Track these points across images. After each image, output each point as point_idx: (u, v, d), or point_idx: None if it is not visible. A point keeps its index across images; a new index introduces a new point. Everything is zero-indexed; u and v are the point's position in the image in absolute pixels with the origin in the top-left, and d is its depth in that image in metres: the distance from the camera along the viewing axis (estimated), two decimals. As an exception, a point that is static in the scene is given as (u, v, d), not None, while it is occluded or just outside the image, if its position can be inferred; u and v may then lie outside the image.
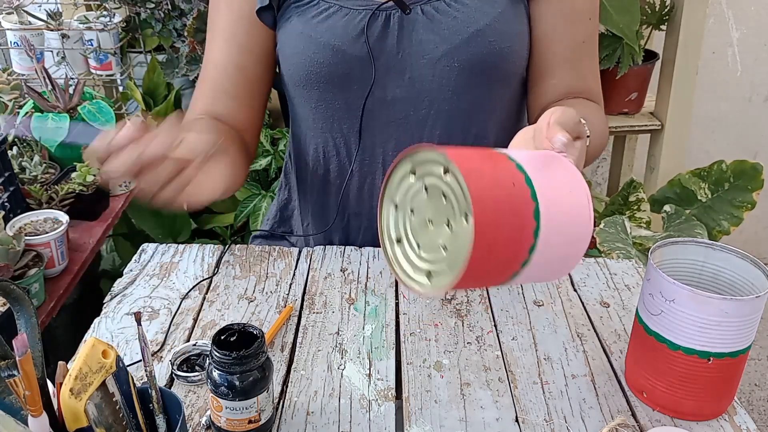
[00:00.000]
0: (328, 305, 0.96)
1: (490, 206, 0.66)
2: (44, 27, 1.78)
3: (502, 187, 0.69)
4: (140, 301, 0.96)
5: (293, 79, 1.05)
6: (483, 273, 0.70)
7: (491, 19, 0.98)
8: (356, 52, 0.99)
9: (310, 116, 1.07)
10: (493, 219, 0.67)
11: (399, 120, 1.03)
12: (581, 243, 0.74)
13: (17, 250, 1.18)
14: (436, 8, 0.99)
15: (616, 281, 1.03)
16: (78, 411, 0.56)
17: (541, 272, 0.75)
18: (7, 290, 0.59)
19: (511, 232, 0.69)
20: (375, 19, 0.99)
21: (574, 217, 0.74)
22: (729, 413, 0.80)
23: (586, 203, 0.74)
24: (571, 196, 0.74)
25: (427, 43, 0.99)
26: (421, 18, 0.99)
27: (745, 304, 0.73)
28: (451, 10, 0.98)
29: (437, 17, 0.98)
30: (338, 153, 1.07)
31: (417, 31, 0.99)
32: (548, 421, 0.78)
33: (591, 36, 1.06)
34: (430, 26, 0.99)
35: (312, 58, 1.00)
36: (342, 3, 1.00)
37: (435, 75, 1.00)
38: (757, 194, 1.81)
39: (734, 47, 2.47)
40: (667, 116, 2.02)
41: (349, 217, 1.11)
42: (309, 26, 1.00)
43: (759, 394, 2.19)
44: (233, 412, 0.72)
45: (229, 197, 2.07)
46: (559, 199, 0.72)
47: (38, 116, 1.53)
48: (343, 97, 1.02)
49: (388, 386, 0.83)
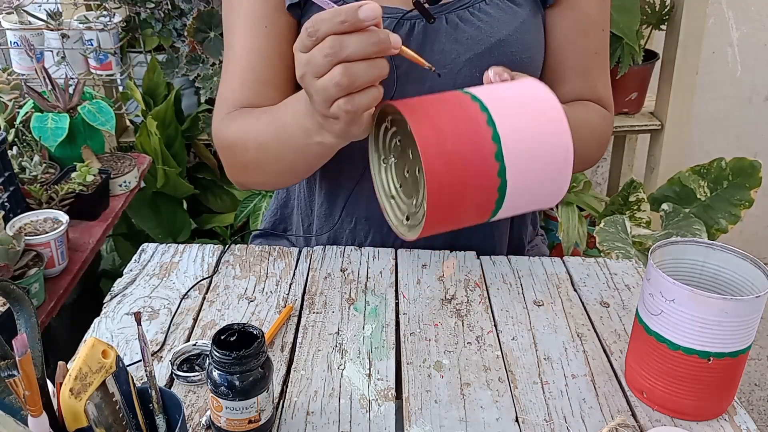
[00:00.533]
0: (328, 305, 0.96)
1: (441, 149, 0.68)
2: (44, 27, 1.78)
3: (455, 125, 0.70)
4: (140, 301, 0.96)
5: None
6: (454, 212, 0.72)
7: (513, 30, 0.99)
8: None
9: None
10: (447, 160, 0.69)
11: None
12: (560, 163, 0.73)
13: (17, 250, 1.18)
14: (460, 17, 0.99)
15: (616, 281, 1.03)
16: (78, 411, 0.56)
17: (524, 202, 0.75)
18: (7, 290, 0.59)
19: (471, 165, 0.70)
20: (399, 27, 0.98)
21: (545, 136, 0.73)
22: (729, 413, 0.80)
23: (561, 121, 0.73)
24: (539, 117, 0.73)
25: (449, 53, 0.99)
26: (444, 27, 0.99)
27: (745, 304, 0.73)
28: (474, 20, 0.99)
29: (460, 26, 0.99)
30: (351, 156, 1.06)
31: (439, 41, 0.99)
32: (548, 421, 0.78)
33: (603, 47, 1.08)
34: (453, 35, 0.99)
35: None
36: None
37: (456, 84, 0.98)
38: (755, 192, 1.82)
39: (734, 47, 2.47)
40: (667, 116, 2.02)
41: (356, 221, 1.10)
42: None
43: (759, 394, 2.19)
44: (233, 412, 0.72)
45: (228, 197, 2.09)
46: (525, 125, 0.72)
47: (38, 116, 1.53)
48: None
49: (388, 386, 0.83)
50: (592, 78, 1.07)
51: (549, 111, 0.75)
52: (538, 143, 0.73)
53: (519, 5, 1.00)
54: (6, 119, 1.56)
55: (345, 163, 1.07)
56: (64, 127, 1.52)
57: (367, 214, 1.09)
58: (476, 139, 0.71)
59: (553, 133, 0.74)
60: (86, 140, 1.59)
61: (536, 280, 1.02)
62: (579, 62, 1.06)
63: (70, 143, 1.56)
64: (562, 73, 1.06)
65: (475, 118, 0.71)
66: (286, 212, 1.21)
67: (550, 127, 0.74)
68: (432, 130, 0.69)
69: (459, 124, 0.70)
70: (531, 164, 0.73)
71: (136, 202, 1.84)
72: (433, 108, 0.72)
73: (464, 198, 0.72)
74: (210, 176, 2.11)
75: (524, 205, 0.78)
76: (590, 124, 1.05)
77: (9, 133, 1.52)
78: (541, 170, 0.74)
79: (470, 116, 0.72)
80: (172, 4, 1.88)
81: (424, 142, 0.68)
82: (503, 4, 1.00)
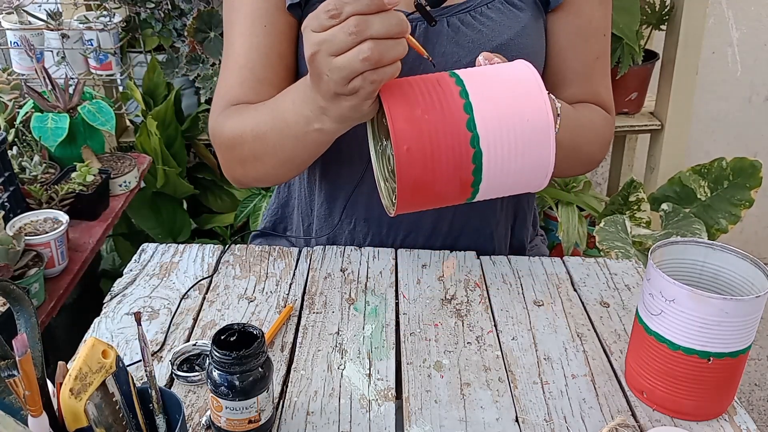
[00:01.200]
0: (328, 305, 0.96)
1: (409, 116, 0.70)
2: (44, 27, 1.78)
3: (427, 95, 0.72)
4: (140, 301, 0.96)
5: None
6: (428, 180, 0.72)
7: (514, 34, 0.99)
8: None
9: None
10: (416, 126, 0.70)
11: None
12: (540, 138, 0.73)
13: (17, 250, 1.18)
14: (462, 20, 0.99)
15: (616, 281, 1.03)
16: (78, 411, 0.56)
17: (506, 178, 0.74)
18: (7, 290, 0.59)
19: (441, 133, 0.71)
20: None
21: (523, 108, 0.72)
22: (729, 413, 0.80)
23: (539, 93, 0.73)
24: (516, 88, 0.73)
25: (450, 56, 0.99)
26: (445, 30, 0.99)
27: (745, 304, 0.73)
28: (476, 23, 0.99)
29: (462, 30, 0.99)
30: (351, 158, 1.06)
31: (441, 43, 0.99)
32: (548, 421, 0.78)
33: (605, 52, 1.08)
34: (455, 38, 0.99)
35: None
36: None
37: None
38: (755, 192, 1.82)
39: (734, 47, 2.47)
40: (667, 116, 2.02)
41: (355, 223, 1.10)
42: None
43: (759, 394, 2.19)
44: (233, 412, 0.72)
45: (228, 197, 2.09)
46: (500, 95, 0.72)
47: (38, 116, 1.53)
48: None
49: (388, 386, 0.83)
50: (594, 82, 1.08)
51: (527, 83, 0.74)
52: (513, 113, 0.73)
53: (521, 9, 1.00)
54: (6, 119, 1.56)
55: (345, 165, 1.07)
56: (64, 127, 1.52)
57: (366, 215, 1.09)
58: (447, 107, 0.71)
59: (532, 107, 0.73)
60: (86, 140, 1.59)
61: (536, 280, 1.02)
62: (581, 67, 1.06)
63: (70, 143, 1.56)
64: (563, 77, 1.06)
65: (449, 89, 0.72)
66: (287, 211, 1.21)
67: (529, 100, 0.73)
68: (402, 100, 0.71)
69: (431, 94, 0.71)
70: (507, 135, 0.72)
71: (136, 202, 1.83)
72: (410, 84, 0.74)
73: (437, 166, 0.72)
74: (210, 176, 2.11)
75: (509, 183, 0.76)
76: (594, 125, 1.05)
77: (9, 133, 1.52)
78: (520, 142, 0.73)
79: (444, 88, 0.72)
80: (172, 4, 1.88)
81: (393, 110, 0.70)
82: (505, 8, 1.00)
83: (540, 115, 0.73)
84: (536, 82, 0.74)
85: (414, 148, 0.71)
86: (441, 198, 0.76)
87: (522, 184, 0.78)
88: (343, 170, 1.07)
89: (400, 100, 0.72)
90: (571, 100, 1.06)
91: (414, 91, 0.72)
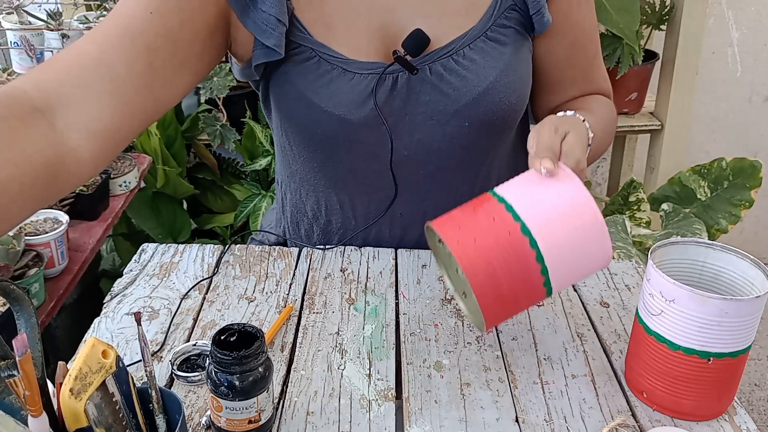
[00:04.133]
0: (328, 305, 0.96)
1: (481, 265, 0.75)
2: (44, 27, 1.78)
3: (494, 244, 0.75)
4: (140, 301, 0.96)
5: (293, 139, 1.02)
6: (504, 299, 0.77)
7: (498, 73, 0.95)
8: (361, 119, 0.95)
9: (310, 173, 1.05)
10: (488, 274, 0.75)
11: (408, 177, 1.01)
12: (596, 249, 0.79)
13: (17, 250, 1.18)
14: (444, 66, 0.95)
15: (616, 281, 1.03)
16: (78, 411, 0.56)
17: (569, 280, 0.80)
18: (7, 290, 0.59)
19: (515, 275, 0.76)
20: (382, 82, 0.94)
21: (579, 234, 0.78)
22: (729, 413, 0.80)
23: (587, 206, 0.78)
24: (571, 216, 0.78)
25: (435, 104, 0.96)
26: (428, 78, 0.95)
27: (745, 304, 0.73)
28: (459, 69, 0.95)
29: (445, 77, 0.95)
30: (342, 207, 1.06)
31: (425, 92, 0.95)
32: (548, 421, 0.78)
33: (597, 47, 1.07)
34: (438, 87, 0.95)
35: (316, 123, 0.96)
36: (345, 66, 0.94)
37: (445, 134, 0.98)
38: (756, 192, 1.82)
39: (734, 47, 2.47)
40: (667, 116, 2.02)
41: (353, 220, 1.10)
42: (310, 90, 0.94)
43: (759, 394, 2.19)
44: (233, 412, 0.72)
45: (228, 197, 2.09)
46: (559, 228, 0.77)
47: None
48: (349, 158, 1.00)
49: (388, 386, 0.83)
50: (593, 78, 1.08)
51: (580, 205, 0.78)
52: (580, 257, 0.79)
53: (504, 44, 0.96)
54: (6, 119, 1.55)
55: (335, 215, 1.07)
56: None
57: (365, 244, 1.09)
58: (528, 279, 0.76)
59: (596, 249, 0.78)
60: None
61: (536, 280, 1.02)
62: (580, 72, 1.05)
63: (70, 143, 1.56)
64: (563, 84, 1.05)
65: (524, 253, 0.75)
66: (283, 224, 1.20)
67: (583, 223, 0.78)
68: (486, 277, 0.75)
69: (511, 267, 0.75)
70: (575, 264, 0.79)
71: (136, 202, 1.84)
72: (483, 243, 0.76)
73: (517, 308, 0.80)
74: (210, 176, 2.11)
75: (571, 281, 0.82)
76: (607, 119, 1.04)
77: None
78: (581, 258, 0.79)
79: (519, 253, 0.75)
80: (172, 4, 1.88)
81: (480, 290, 0.75)
82: (488, 46, 0.95)
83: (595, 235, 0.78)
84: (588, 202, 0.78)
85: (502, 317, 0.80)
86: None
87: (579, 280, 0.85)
88: (334, 217, 1.07)
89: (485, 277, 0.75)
90: (572, 96, 1.07)
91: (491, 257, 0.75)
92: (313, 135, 0.99)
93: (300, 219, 1.12)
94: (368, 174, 1.01)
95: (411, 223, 1.06)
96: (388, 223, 1.06)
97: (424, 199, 1.03)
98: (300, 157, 1.04)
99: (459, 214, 0.79)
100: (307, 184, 1.07)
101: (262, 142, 1.98)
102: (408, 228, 1.06)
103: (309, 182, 1.07)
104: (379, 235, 1.07)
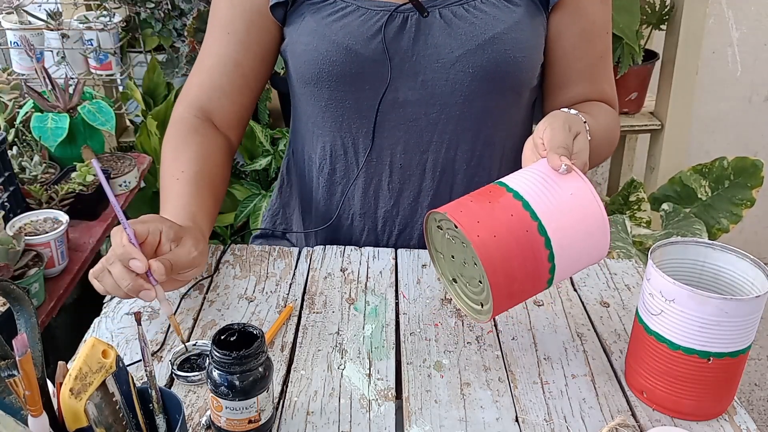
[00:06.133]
0: (328, 305, 0.96)
1: (500, 262, 0.76)
2: (44, 27, 1.78)
3: (514, 242, 0.77)
4: (140, 301, 0.96)
5: (303, 77, 1.04)
6: (514, 294, 0.79)
7: (507, 27, 0.99)
8: (369, 53, 0.99)
9: (318, 115, 1.07)
10: (505, 270, 0.76)
11: (409, 122, 1.04)
12: (596, 251, 0.81)
13: (17, 250, 1.18)
14: (454, 12, 0.99)
15: (616, 281, 1.03)
16: (78, 411, 0.56)
17: (571, 270, 0.83)
18: (7, 290, 0.59)
19: (528, 273, 0.78)
20: (392, 20, 0.99)
21: (587, 237, 0.80)
22: (729, 413, 0.80)
23: (597, 210, 0.80)
24: (582, 221, 0.80)
25: (442, 47, 0.99)
26: (438, 21, 0.99)
27: (745, 304, 0.73)
28: (468, 15, 0.99)
29: (455, 22, 0.99)
30: (346, 152, 1.08)
31: (433, 35, 0.99)
32: (548, 421, 0.78)
33: (608, 49, 1.10)
34: (447, 30, 0.99)
35: (324, 56, 1.00)
36: (359, 3, 1.00)
37: (448, 79, 1.00)
38: (757, 191, 1.82)
39: (734, 47, 2.47)
40: (667, 116, 2.02)
41: (353, 218, 1.11)
42: (323, 24, 1.00)
43: (759, 394, 2.19)
44: (233, 412, 0.72)
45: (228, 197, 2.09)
46: (571, 230, 0.79)
47: (38, 116, 1.52)
48: (354, 96, 1.03)
49: (388, 386, 0.83)
50: (599, 80, 1.09)
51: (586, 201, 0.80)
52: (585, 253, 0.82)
53: (515, 5, 1.01)
54: (6, 119, 1.56)
55: (340, 160, 1.08)
56: (64, 127, 1.52)
57: (362, 210, 1.10)
58: (537, 276, 0.78)
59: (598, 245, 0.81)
60: (86, 140, 1.59)
61: (536, 280, 1.02)
62: (586, 67, 1.07)
63: (70, 143, 1.56)
64: (569, 78, 1.07)
65: (539, 251, 0.77)
66: (288, 212, 1.21)
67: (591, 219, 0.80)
68: (504, 275, 0.77)
69: (527, 265, 0.77)
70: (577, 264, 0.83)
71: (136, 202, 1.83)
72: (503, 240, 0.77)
73: (519, 302, 0.83)
74: (210, 176, 2.10)
75: (572, 272, 0.84)
76: (608, 128, 1.06)
77: (9, 133, 1.52)
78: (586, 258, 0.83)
79: (535, 251, 0.77)
80: (172, 4, 1.88)
81: (497, 288, 0.77)
82: (499, 2, 1.00)
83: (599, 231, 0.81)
84: (594, 198, 0.80)
85: (510, 306, 0.83)
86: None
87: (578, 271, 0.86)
88: (339, 165, 1.08)
89: (503, 278, 0.77)
90: (577, 98, 1.07)
91: (511, 259, 0.77)
92: (321, 69, 1.01)
93: (305, 170, 1.14)
94: (370, 114, 1.04)
95: (409, 177, 1.07)
96: (388, 173, 1.07)
97: (425, 150, 1.05)
98: (310, 98, 1.07)
99: (474, 206, 0.79)
100: (314, 128, 1.09)
101: (262, 142, 1.98)
102: (406, 182, 1.08)
103: (317, 125, 1.08)
104: (378, 186, 1.08)
